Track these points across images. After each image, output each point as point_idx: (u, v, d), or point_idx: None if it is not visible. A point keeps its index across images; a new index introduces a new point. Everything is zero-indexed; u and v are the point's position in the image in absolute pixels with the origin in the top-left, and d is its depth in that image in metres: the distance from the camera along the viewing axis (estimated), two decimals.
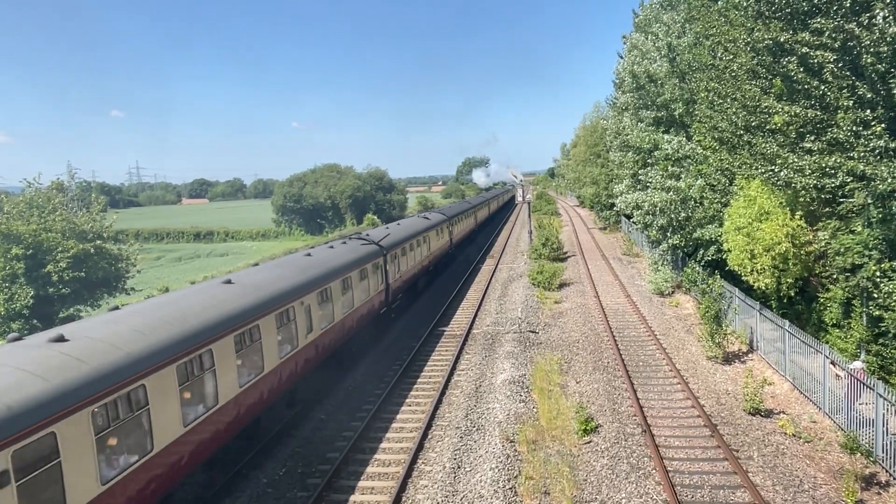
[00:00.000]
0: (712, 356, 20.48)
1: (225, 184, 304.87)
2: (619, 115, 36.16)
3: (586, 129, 73.72)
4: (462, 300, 31.93)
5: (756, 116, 17.74)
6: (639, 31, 34.34)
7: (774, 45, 16.01)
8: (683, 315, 26.61)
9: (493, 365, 20.88)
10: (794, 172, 15.66)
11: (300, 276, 17.32)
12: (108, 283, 32.75)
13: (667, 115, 30.35)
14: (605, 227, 62.77)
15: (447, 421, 16.48)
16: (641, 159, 30.84)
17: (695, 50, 25.10)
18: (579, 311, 28.02)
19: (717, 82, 20.65)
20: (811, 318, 18.97)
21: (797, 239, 18.11)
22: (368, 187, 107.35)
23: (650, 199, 28.02)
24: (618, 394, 17.81)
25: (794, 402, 16.79)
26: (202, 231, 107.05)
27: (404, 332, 25.95)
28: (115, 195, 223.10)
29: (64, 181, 34.99)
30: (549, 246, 42.50)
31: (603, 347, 22.35)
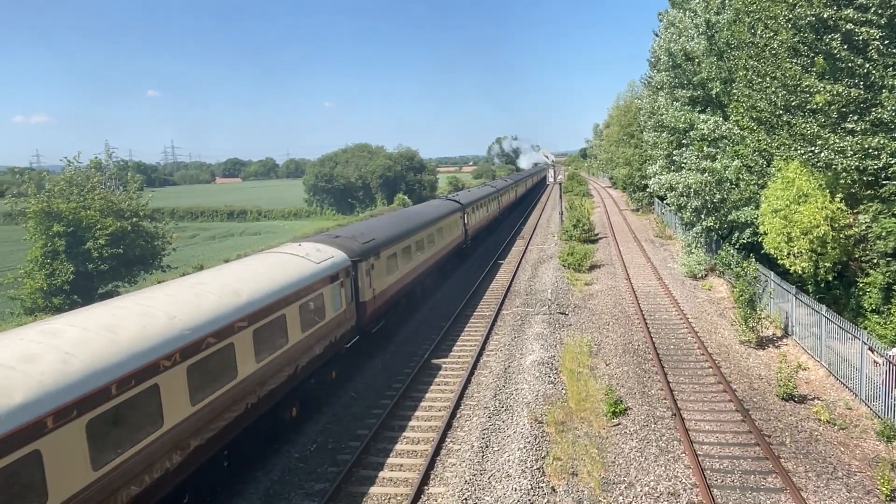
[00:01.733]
0: (745, 340, 20.20)
1: (258, 163, 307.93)
2: (654, 94, 35.47)
3: (620, 109, 72.52)
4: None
5: (796, 96, 17.25)
6: (676, 8, 33.53)
7: (817, 21, 15.51)
8: (716, 298, 26.24)
9: (522, 346, 20.90)
10: (836, 153, 15.25)
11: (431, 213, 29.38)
12: (145, 260, 33.45)
13: (703, 94, 29.68)
14: (638, 209, 61.98)
15: (476, 400, 16.59)
16: (676, 140, 30.29)
17: (734, 27, 24.44)
18: (610, 293, 27.82)
19: (756, 60, 20.10)
20: (849, 303, 18.55)
21: (836, 222, 17.66)
22: (399, 167, 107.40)
23: (684, 181, 27.55)
24: (648, 377, 17.69)
25: (829, 388, 16.50)
26: (235, 210, 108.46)
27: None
28: (151, 174, 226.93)
29: (102, 160, 35.67)
30: (580, 227, 42.14)
31: (633, 330, 22.19)
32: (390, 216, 29.24)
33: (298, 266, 15.59)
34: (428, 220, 28.55)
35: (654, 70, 37.61)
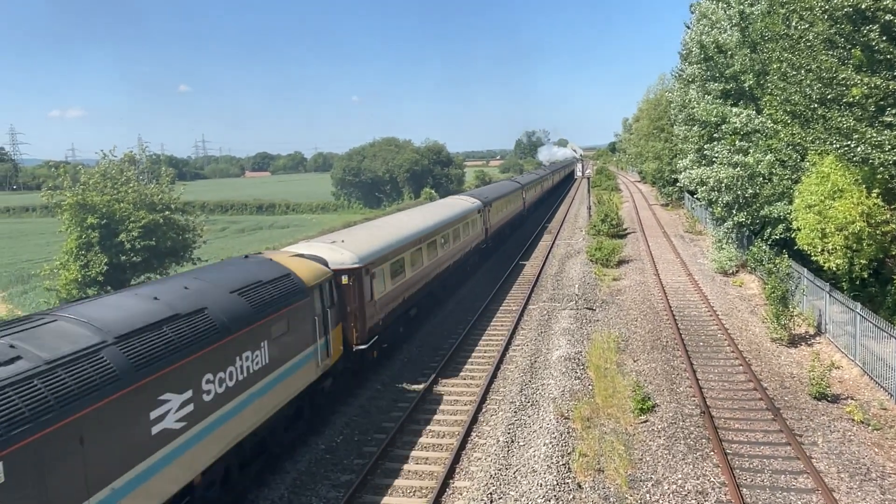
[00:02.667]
0: (777, 338, 19.86)
1: (286, 157, 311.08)
2: (686, 87, 34.91)
3: (650, 103, 71.57)
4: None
5: (832, 89, 16.83)
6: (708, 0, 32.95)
7: (854, 12, 15.11)
8: (747, 295, 25.84)
9: (548, 341, 20.82)
10: (873, 148, 14.87)
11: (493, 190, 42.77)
12: (176, 252, 33.98)
13: (736, 87, 29.15)
14: (668, 204, 61.23)
15: (501, 395, 16.59)
16: (707, 133, 29.80)
17: (768, 19, 23.94)
18: (638, 288, 27.56)
19: (790, 53, 19.65)
20: (885, 301, 18.13)
21: (873, 218, 17.22)
22: (426, 161, 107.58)
23: (716, 175, 27.12)
24: (676, 374, 17.51)
25: (863, 387, 16.15)
26: (264, 203, 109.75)
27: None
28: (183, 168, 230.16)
29: (135, 154, 36.30)
30: (608, 222, 41.77)
31: (662, 326, 21.96)
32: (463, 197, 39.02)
33: (465, 204, 32.22)
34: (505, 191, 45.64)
35: (686, 63, 36.99)
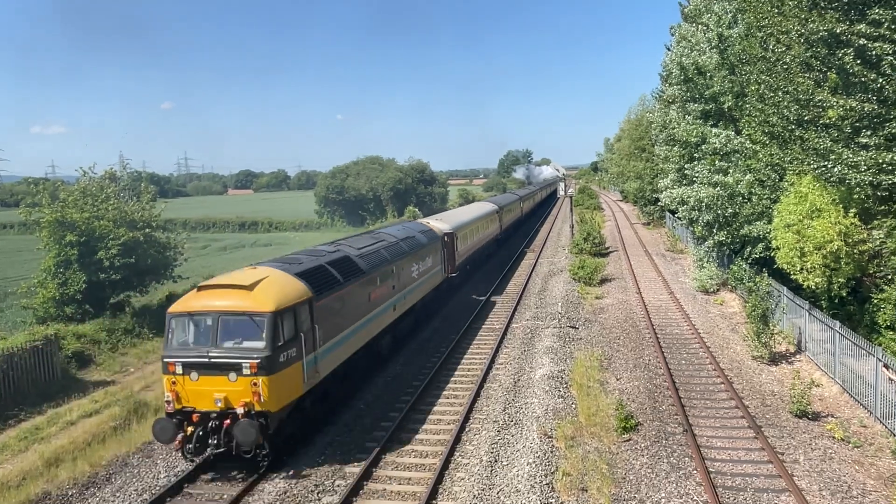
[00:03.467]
0: (758, 356, 20.00)
1: (269, 175, 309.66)
2: (666, 108, 35.44)
3: (631, 123, 72.44)
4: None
5: (809, 110, 17.16)
6: (688, 22, 33.58)
7: (830, 36, 15.45)
8: (728, 313, 26.04)
9: (531, 359, 20.80)
10: (849, 168, 15.13)
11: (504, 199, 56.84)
12: (157, 270, 33.64)
13: (715, 108, 29.62)
14: (649, 223, 61.74)
15: (485, 414, 16.50)
16: (688, 153, 30.20)
17: (746, 41, 24.41)
18: (621, 307, 27.67)
19: (768, 75, 20.03)
20: (864, 319, 18.34)
21: (850, 237, 17.49)
22: (410, 179, 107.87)
23: (696, 195, 27.43)
24: (659, 392, 17.54)
25: (843, 405, 16.28)
26: (247, 221, 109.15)
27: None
28: (165, 185, 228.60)
29: (116, 171, 36.02)
30: (590, 240, 42.02)
31: (644, 344, 22.04)
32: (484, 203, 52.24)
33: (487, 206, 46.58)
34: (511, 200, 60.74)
35: (666, 84, 37.58)
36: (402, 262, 21.92)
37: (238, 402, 12.73)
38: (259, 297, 13.33)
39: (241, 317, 13.19)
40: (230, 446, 12.80)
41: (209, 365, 12.96)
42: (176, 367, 13.12)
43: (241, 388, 12.79)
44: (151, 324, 31.59)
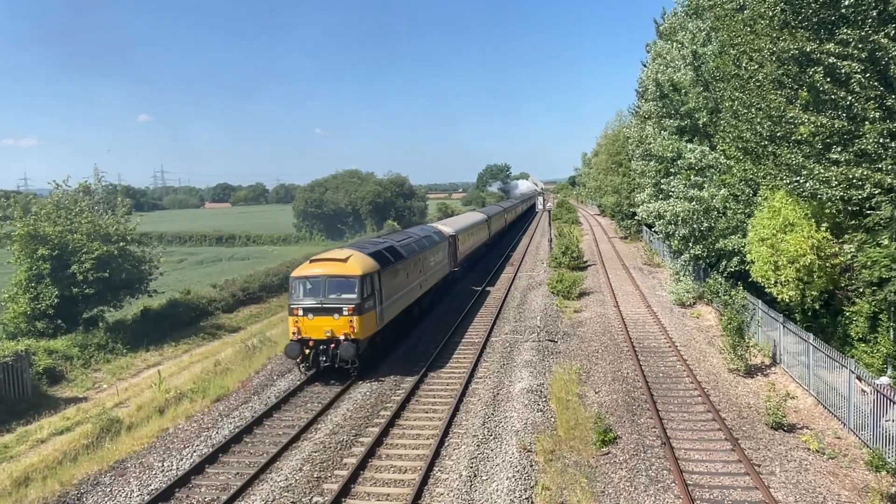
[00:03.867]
0: (734, 369, 20.21)
1: (247, 188, 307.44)
2: (642, 123, 35.91)
3: (608, 138, 73.28)
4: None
5: (781, 126, 17.51)
6: (663, 39, 34.15)
7: (800, 54, 15.81)
8: (705, 326, 26.30)
9: (511, 373, 20.79)
10: (820, 183, 15.43)
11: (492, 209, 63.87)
12: (132, 284, 33.18)
13: (690, 123, 30.09)
14: (626, 237, 62.32)
15: (464, 429, 16.43)
16: (664, 168, 30.61)
17: (719, 59, 24.88)
18: (599, 320, 27.82)
19: (741, 92, 20.42)
20: (836, 331, 18.64)
21: (822, 251, 17.82)
22: (389, 193, 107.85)
23: (672, 209, 27.77)
24: (637, 405, 17.62)
25: (817, 417, 16.49)
26: (224, 235, 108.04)
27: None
28: (140, 198, 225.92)
29: (91, 184, 35.55)
30: (569, 254, 42.28)
31: (622, 358, 22.16)
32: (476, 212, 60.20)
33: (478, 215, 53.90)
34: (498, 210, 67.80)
35: (642, 100, 38.14)
36: (426, 254, 29.16)
37: (340, 332, 19.62)
38: (351, 266, 20.39)
39: (341, 278, 20.06)
40: (334, 361, 19.72)
41: (321, 309, 19.80)
42: (298, 311, 19.92)
43: (341, 323, 19.67)
44: (126, 339, 31.10)
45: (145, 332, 32.37)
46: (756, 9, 18.22)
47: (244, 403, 19.14)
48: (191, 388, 21.02)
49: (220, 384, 21.11)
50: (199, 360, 27.75)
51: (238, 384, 21.31)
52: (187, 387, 21.49)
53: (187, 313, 37.40)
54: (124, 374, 27.43)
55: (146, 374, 26.86)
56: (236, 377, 22.14)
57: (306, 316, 19.88)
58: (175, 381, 23.73)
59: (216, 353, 28.73)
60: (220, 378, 22.19)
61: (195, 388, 20.87)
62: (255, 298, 45.72)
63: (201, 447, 15.87)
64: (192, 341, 33.17)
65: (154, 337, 32.52)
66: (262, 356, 24.86)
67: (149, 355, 30.31)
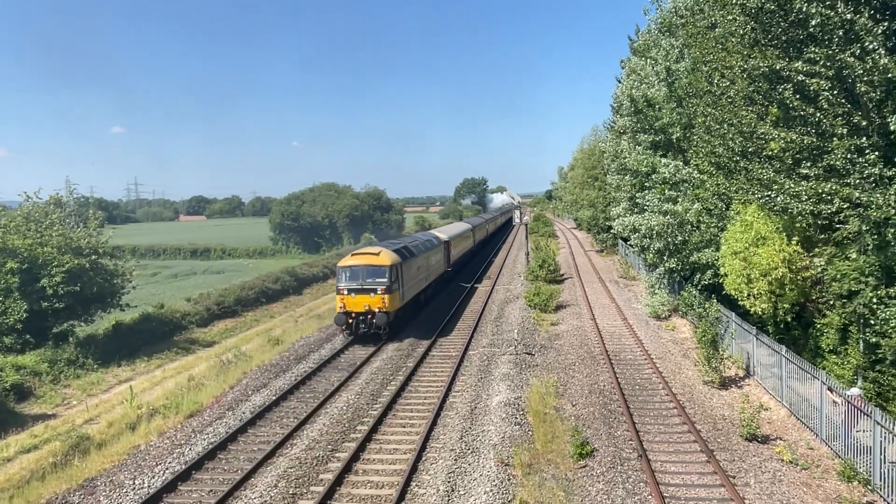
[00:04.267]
0: (709, 381, 20.41)
1: (223, 201, 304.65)
2: (617, 138, 36.38)
3: (584, 153, 74.03)
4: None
5: (752, 142, 17.84)
6: (637, 56, 34.70)
7: (770, 72, 16.16)
8: (680, 339, 26.55)
9: (488, 386, 20.77)
10: (791, 198, 15.72)
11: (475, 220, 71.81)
12: (103, 298, 32.64)
13: (664, 138, 30.54)
14: (602, 250, 62.84)
15: (441, 443, 16.35)
16: (639, 182, 30.99)
17: (692, 75, 25.35)
18: (576, 333, 27.95)
19: (713, 108, 20.80)
20: (808, 343, 18.94)
21: (794, 264, 18.13)
22: (366, 206, 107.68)
23: (647, 223, 28.10)
24: (614, 418, 17.69)
25: (790, 428, 16.70)
26: (199, 248, 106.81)
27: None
28: (113, 211, 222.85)
29: (62, 196, 35.01)
30: (545, 268, 42.50)
31: (599, 370, 22.26)
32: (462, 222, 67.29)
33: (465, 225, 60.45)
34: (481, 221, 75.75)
35: (617, 115, 38.67)
36: (429, 254, 36.04)
37: (375, 306, 26.35)
38: (382, 258, 27.19)
39: (376, 267, 26.79)
40: (370, 328, 26.57)
41: (360, 290, 26.53)
42: (344, 291, 26.72)
43: (376, 300, 26.38)
44: (97, 354, 30.53)
45: (117, 347, 31.81)
46: (727, 27, 18.60)
47: (218, 419, 18.86)
48: (163, 404, 20.67)
49: (194, 400, 20.78)
50: (173, 376, 27.32)
51: (212, 399, 21.00)
52: (160, 402, 21.13)
53: (160, 328, 36.86)
54: (95, 389, 26.89)
55: (118, 390, 26.36)
56: (210, 392, 21.82)
57: (350, 294, 26.64)
58: (147, 396, 23.33)
59: (190, 367, 28.32)
60: (194, 393, 21.86)
61: (168, 404, 20.52)
62: (230, 312, 45.24)
63: (174, 464, 15.59)
64: (165, 356, 32.66)
65: (126, 352, 31.96)
66: (236, 371, 24.54)
67: (120, 371, 29.77)
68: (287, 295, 54.47)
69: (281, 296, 53.56)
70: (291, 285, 56.52)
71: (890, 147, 13.91)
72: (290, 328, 35.00)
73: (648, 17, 33.16)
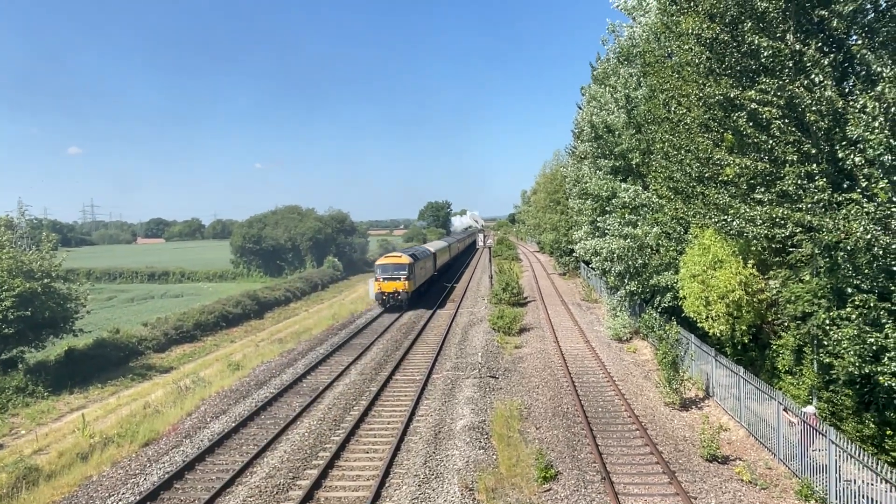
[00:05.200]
0: (670, 402, 20.65)
1: (183, 223, 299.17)
2: (579, 163, 37.04)
3: (546, 177, 75.12)
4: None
5: (709, 168, 18.34)
6: (597, 83, 35.47)
7: (725, 100, 16.69)
8: (641, 361, 26.86)
9: (452, 410, 20.65)
10: (746, 222, 16.15)
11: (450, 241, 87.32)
12: (56, 323, 31.64)
13: (624, 164, 31.16)
14: (565, 273, 63.47)
15: (405, 469, 16.16)
16: (600, 207, 31.49)
17: (650, 103, 26.01)
18: (539, 356, 28.06)
19: (671, 134, 21.35)
20: (765, 364, 19.33)
21: (750, 287, 18.57)
22: (330, 229, 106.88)
23: (608, 246, 28.51)
24: (577, 440, 17.75)
25: (749, 448, 16.97)
26: (157, 271, 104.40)
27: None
28: (68, 233, 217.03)
29: (13, 218, 34.00)
30: (509, 291, 42.71)
31: (562, 393, 22.35)
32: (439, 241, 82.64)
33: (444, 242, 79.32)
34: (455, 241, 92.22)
35: (578, 140, 39.40)
36: (425, 259, 51.71)
37: (399, 289, 42.96)
38: (403, 259, 44.39)
39: (400, 265, 43.55)
40: (396, 302, 43.20)
41: (391, 277, 43.08)
42: (380, 279, 43.24)
43: (400, 284, 42.88)
44: (48, 381, 29.51)
45: (69, 374, 30.77)
46: (683, 56, 19.19)
47: (175, 447, 18.33)
48: (117, 433, 20.02)
49: (150, 427, 20.18)
50: (128, 403, 26.50)
51: (169, 427, 20.43)
52: (114, 431, 20.46)
53: (115, 353, 35.82)
54: (45, 418, 25.90)
55: (69, 419, 25.44)
56: (167, 420, 21.23)
57: (384, 281, 42.97)
58: (101, 425, 22.56)
59: (146, 394, 27.51)
60: (150, 421, 21.22)
61: (122, 433, 19.88)
62: (188, 337, 44.24)
63: (128, 495, 15.07)
64: (120, 383, 31.69)
65: (79, 379, 30.93)
66: (195, 397, 23.94)
67: (73, 398, 28.76)
68: (248, 319, 53.55)
69: (242, 320, 52.63)
70: (253, 309, 55.60)
71: (838, 174, 14.44)
72: (251, 353, 34.36)
73: (607, 47, 34.04)
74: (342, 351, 30.97)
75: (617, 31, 32.89)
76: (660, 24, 24.05)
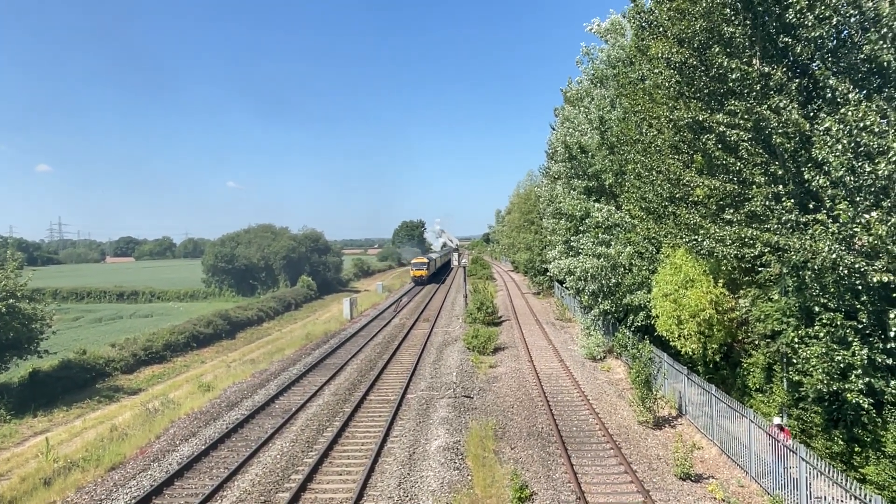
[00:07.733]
0: (643, 421, 20.74)
1: (153, 242, 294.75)
2: (552, 183, 37.37)
3: (520, 197, 75.67)
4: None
5: (679, 189, 18.65)
6: (570, 105, 35.98)
7: (694, 123, 17.03)
8: (615, 380, 26.99)
9: (427, 431, 20.50)
10: (716, 242, 16.41)
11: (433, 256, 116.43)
12: (20, 344, 30.87)
13: (597, 184, 31.54)
14: (539, 292, 63.75)
15: (379, 491, 15.96)
16: (573, 226, 31.78)
17: (622, 124, 26.44)
18: (514, 375, 28.04)
19: (643, 155, 21.70)
20: (736, 382, 19.55)
21: (720, 306, 18.83)
22: (304, 248, 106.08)
23: (582, 265, 28.73)
24: (552, 460, 17.71)
25: (722, 466, 17.09)
26: (126, 291, 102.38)
27: None
28: (34, 252, 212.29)
29: None
30: (483, 310, 42.74)
31: (537, 413, 22.33)
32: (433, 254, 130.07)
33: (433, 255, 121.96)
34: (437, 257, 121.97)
35: (552, 161, 39.80)
36: (430, 264, 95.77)
37: (423, 274, 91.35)
38: (424, 259, 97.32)
39: (424, 261, 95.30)
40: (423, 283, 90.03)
41: (419, 265, 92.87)
42: (412, 270, 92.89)
43: (424, 271, 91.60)
44: (10, 404, 28.69)
45: (33, 396, 29.94)
46: (654, 79, 19.57)
47: (142, 471, 17.89)
48: (83, 457, 19.48)
49: (117, 451, 19.69)
50: (94, 426, 25.84)
51: (136, 451, 19.95)
52: (79, 455, 19.91)
53: (82, 375, 34.96)
54: (7, 442, 25.12)
55: (32, 442, 24.71)
56: (135, 443, 20.73)
57: (416, 270, 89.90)
58: (65, 448, 21.95)
59: (113, 417, 26.87)
60: (117, 444, 20.71)
61: (88, 457, 19.35)
62: (157, 358, 43.36)
63: None
64: (86, 405, 30.91)
65: (43, 401, 30.11)
66: (164, 419, 23.44)
67: (36, 421, 27.96)
68: (219, 339, 52.71)
69: (213, 340, 51.78)
70: (224, 329, 54.76)
71: (805, 195, 14.78)
72: (222, 374, 33.80)
73: (581, 68, 34.59)
74: (316, 371, 30.63)
75: (591, 53, 33.47)
76: (632, 48, 24.55)
